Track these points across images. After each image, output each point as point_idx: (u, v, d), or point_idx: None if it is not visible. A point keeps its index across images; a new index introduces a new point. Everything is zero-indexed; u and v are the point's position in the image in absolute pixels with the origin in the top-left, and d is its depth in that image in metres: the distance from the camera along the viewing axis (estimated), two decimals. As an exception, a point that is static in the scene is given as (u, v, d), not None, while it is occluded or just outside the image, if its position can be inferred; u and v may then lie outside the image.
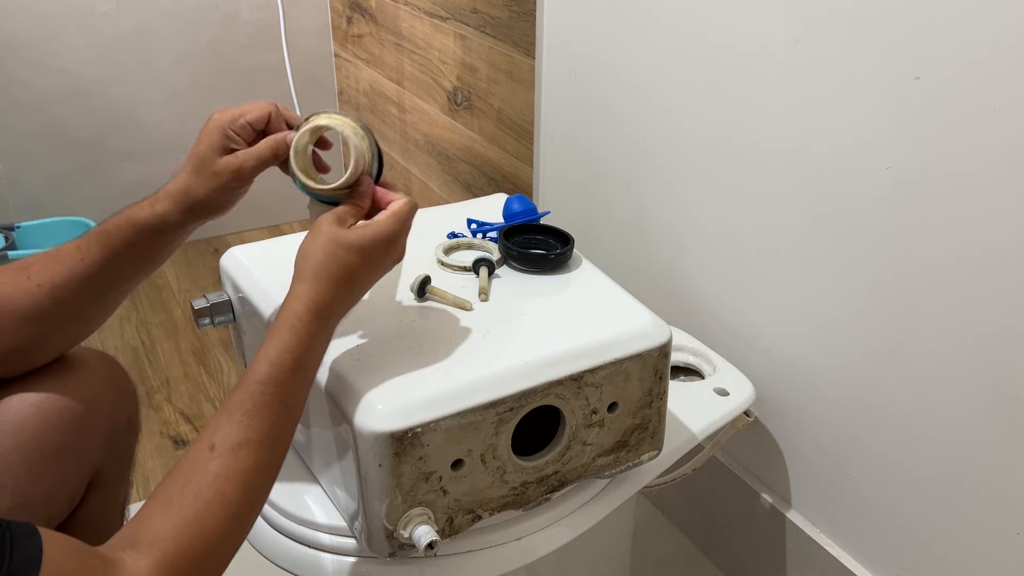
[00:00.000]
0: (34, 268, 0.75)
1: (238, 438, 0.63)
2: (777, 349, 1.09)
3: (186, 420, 1.64)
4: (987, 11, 0.76)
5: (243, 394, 0.65)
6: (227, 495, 0.61)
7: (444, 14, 1.70)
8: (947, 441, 0.90)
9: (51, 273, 0.74)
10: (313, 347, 0.69)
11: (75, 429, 0.80)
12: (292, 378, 0.67)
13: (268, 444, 0.65)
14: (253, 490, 0.64)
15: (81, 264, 0.75)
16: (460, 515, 0.78)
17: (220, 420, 0.64)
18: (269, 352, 0.66)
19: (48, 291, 0.74)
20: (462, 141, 1.77)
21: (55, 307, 0.75)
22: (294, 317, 0.68)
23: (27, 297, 0.74)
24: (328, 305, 0.70)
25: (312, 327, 0.68)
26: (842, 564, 1.07)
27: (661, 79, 1.16)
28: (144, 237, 0.75)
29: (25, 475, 0.76)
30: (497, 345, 0.80)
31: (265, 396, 0.65)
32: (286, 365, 0.66)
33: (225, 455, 0.62)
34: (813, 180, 0.97)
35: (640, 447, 0.87)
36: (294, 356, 0.67)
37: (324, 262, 0.69)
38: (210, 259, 2.23)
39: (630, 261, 1.31)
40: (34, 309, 0.74)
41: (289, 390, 0.67)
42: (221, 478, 0.61)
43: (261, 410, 0.65)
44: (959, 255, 0.84)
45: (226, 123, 0.75)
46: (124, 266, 0.77)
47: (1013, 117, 0.76)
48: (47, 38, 2.00)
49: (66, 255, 0.75)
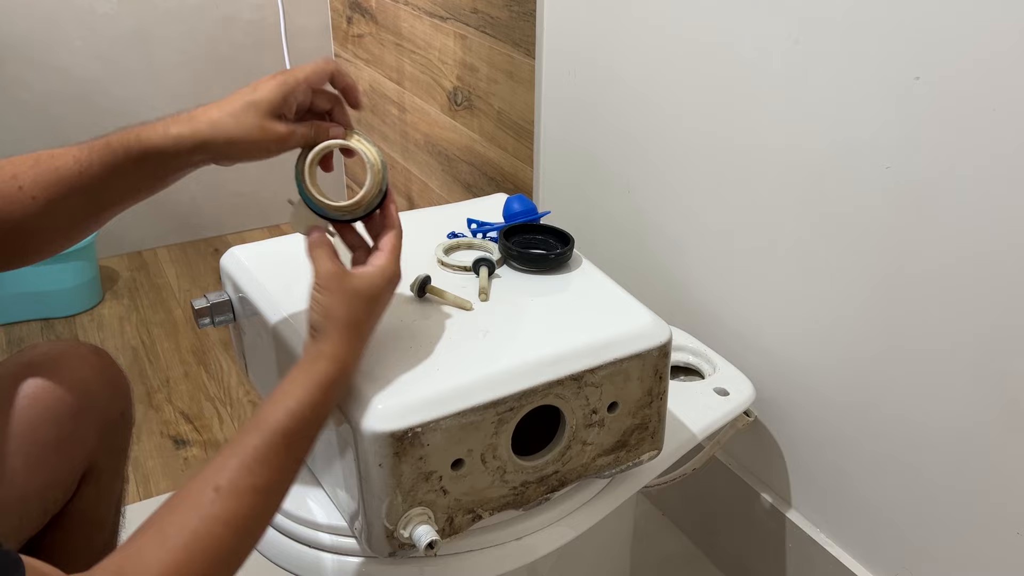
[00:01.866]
0: (27, 177, 0.70)
1: (245, 484, 0.62)
2: (777, 349, 1.09)
3: (186, 420, 1.64)
4: (987, 11, 0.76)
5: (257, 440, 0.64)
6: (224, 540, 0.60)
7: (444, 14, 1.70)
8: (947, 441, 0.90)
9: (46, 185, 0.70)
10: (331, 406, 0.69)
11: (69, 422, 0.80)
12: (305, 433, 0.67)
13: (271, 493, 0.64)
14: (248, 536, 0.63)
15: (79, 178, 0.70)
16: (460, 515, 0.78)
17: (229, 462, 0.63)
18: (290, 404, 0.66)
19: (42, 204, 0.70)
20: (462, 141, 1.77)
21: (47, 221, 0.71)
22: (323, 377, 0.67)
23: (18, 208, 0.70)
24: (355, 365, 0.71)
25: (338, 388, 0.69)
26: (842, 564, 1.07)
27: (661, 79, 1.16)
28: (150, 159, 0.70)
29: (21, 468, 0.77)
30: (497, 345, 0.80)
31: (277, 447, 0.64)
32: (304, 419, 0.66)
33: (229, 499, 0.61)
34: (813, 179, 0.97)
35: (640, 447, 0.87)
36: (314, 413, 0.67)
37: (349, 317, 0.69)
38: (210, 259, 2.23)
39: (630, 261, 1.31)
40: (24, 221, 0.70)
41: (300, 445, 0.67)
42: (221, 522, 0.60)
43: (272, 459, 0.64)
44: (959, 254, 0.84)
45: (291, 89, 0.71)
46: (122, 186, 0.72)
47: (1013, 117, 0.76)
48: (47, 38, 2.00)
49: (63, 165, 0.70)
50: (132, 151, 0.70)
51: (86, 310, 2.01)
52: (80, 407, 0.81)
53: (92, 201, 0.72)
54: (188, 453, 1.56)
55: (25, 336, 1.91)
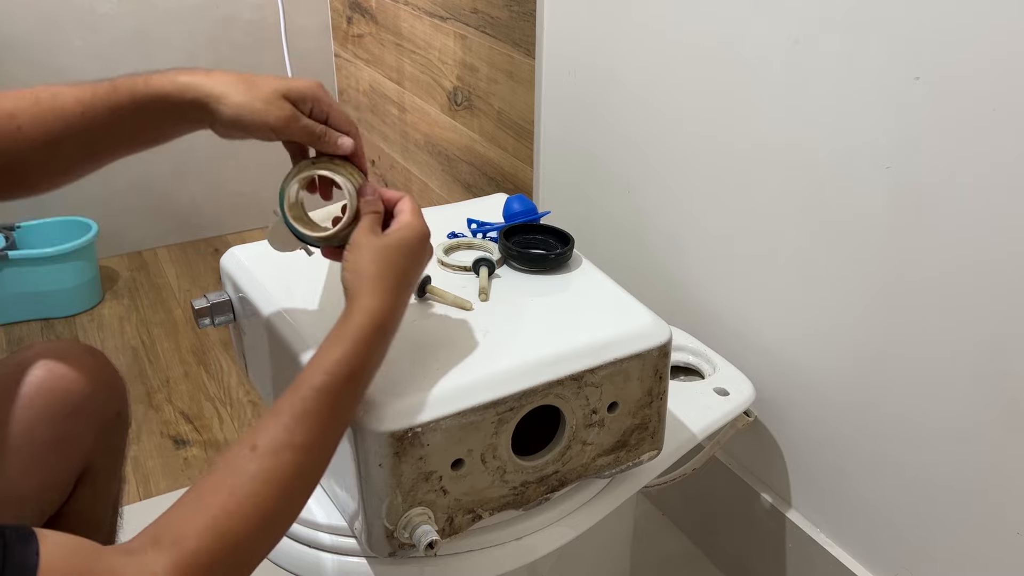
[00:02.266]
0: (26, 116, 0.69)
1: (282, 441, 0.61)
2: (777, 349, 1.09)
3: (186, 420, 1.64)
4: (987, 11, 0.76)
5: (293, 398, 0.63)
6: (262, 497, 0.59)
7: (444, 14, 1.70)
8: (947, 441, 0.90)
9: (47, 128, 0.69)
10: (371, 361, 0.68)
11: (65, 423, 0.80)
12: (346, 389, 0.65)
13: (312, 451, 0.63)
14: (290, 496, 0.62)
15: (80, 119, 0.69)
16: (460, 515, 0.78)
17: (267, 422, 0.62)
18: (324, 363, 0.65)
19: (41, 145, 0.69)
20: (462, 141, 1.77)
21: (44, 161, 0.71)
22: (357, 330, 0.66)
23: (15, 149, 0.69)
24: (392, 317, 0.69)
25: (373, 340, 0.67)
26: (842, 564, 1.07)
27: (661, 79, 1.16)
28: (154, 104, 0.70)
29: (17, 468, 0.77)
30: (497, 345, 0.80)
31: (316, 403, 0.63)
32: (342, 376, 0.65)
33: (266, 456, 0.60)
34: (813, 179, 0.97)
35: (640, 447, 0.87)
36: (351, 369, 0.65)
37: (381, 272, 0.69)
38: (210, 259, 2.23)
39: (630, 261, 1.31)
40: (21, 161, 0.70)
41: (342, 401, 0.65)
42: (259, 480, 0.59)
43: (309, 416, 0.63)
44: (959, 254, 0.84)
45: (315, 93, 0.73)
46: (123, 131, 0.72)
47: (1013, 117, 0.76)
48: (47, 38, 2.00)
49: (65, 106, 0.69)
50: (138, 94, 0.70)
51: (86, 310, 2.01)
52: (76, 407, 0.81)
53: (91, 144, 0.72)
54: (188, 453, 1.56)
55: (25, 336, 1.91)
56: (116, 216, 2.17)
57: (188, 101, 0.70)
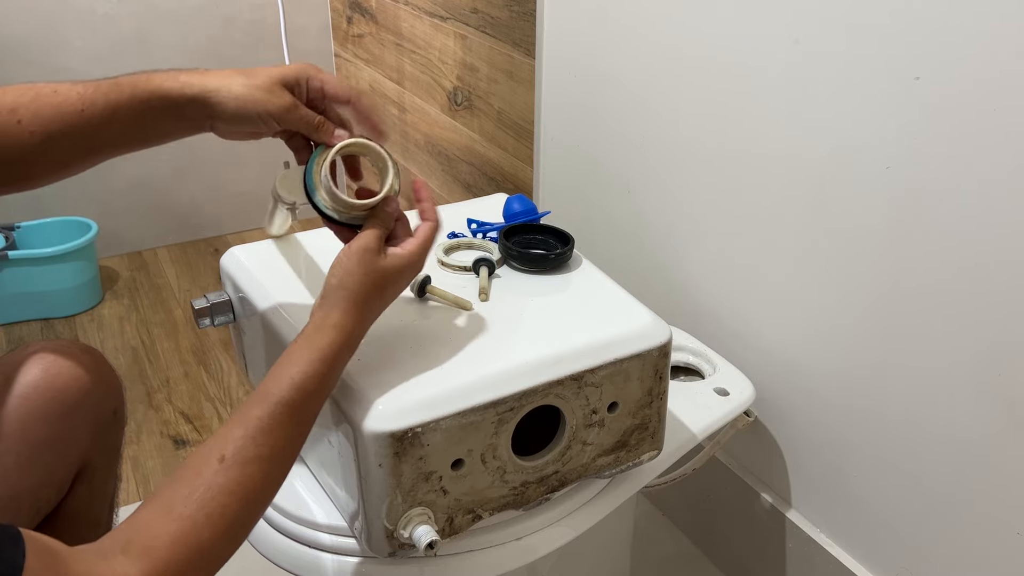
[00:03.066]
0: (26, 111, 0.69)
1: (250, 454, 0.63)
2: (778, 349, 1.09)
3: (186, 420, 1.64)
4: (987, 11, 0.76)
5: (261, 411, 0.64)
6: (230, 508, 0.61)
7: (444, 14, 1.70)
8: (946, 441, 0.90)
9: (45, 121, 0.69)
10: (336, 377, 0.70)
11: (61, 421, 0.80)
12: (313, 404, 0.67)
13: (277, 461, 0.65)
14: (255, 504, 0.64)
15: (79, 116, 0.70)
16: (460, 515, 0.78)
17: (234, 432, 0.63)
18: (295, 376, 0.66)
19: (40, 139, 0.69)
20: (462, 141, 1.77)
21: (42, 156, 0.71)
22: (330, 348, 0.68)
23: (14, 142, 0.69)
24: (361, 332, 0.71)
25: (344, 356, 0.69)
26: (842, 564, 1.07)
27: (661, 79, 1.16)
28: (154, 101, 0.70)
29: (13, 467, 0.77)
30: (497, 345, 0.80)
31: (285, 417, 0.65)
32: (310, 391, 0.66)
33: (234, 469, 0.62)
34: (813, 180, 0.97)
35: (640, 447, 0.87)
36: (320, 385, 0.67)
37: (363, 291, 0.70)
38: (210, 259, 2.23)
39: (630, 261, 1.31)
40: (21, 155, 0.70)
41: (308, 415, 0.67)
42: (227, 491, 0.61)
43: (277, 430, 0.64)
44: (959, 254, 0.84)
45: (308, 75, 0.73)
46: (122, 128, 0.72)
47: (1014, 117, 0.76)
48: (47, 38, 2.00)
49: (65, 101, 0.70)
50: (139, 91, 0.70)
51: (86, 310, 2.01)
52: (72, 406, 0.81)
53: (89, 140, 0.71)
54: (188, 453, 1.56)
55: (25, 336, 1.91)
56: (116, 216, 2.17)
57: (188, 98, 0.70)
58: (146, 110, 0.71)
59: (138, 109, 0.71)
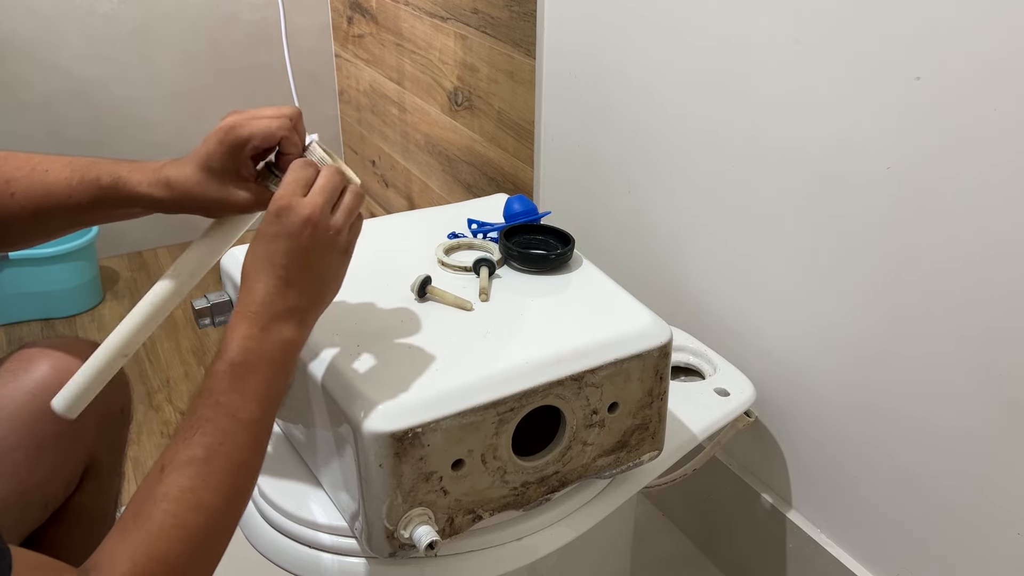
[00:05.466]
0: (20, 185, 0.73)
1: (184, 456, 0.61)
2: (778, 349, 1.09)
3: (186, 420, 1.64)
4: (987, 11, 0.76)
5: (189, 410, 0.63)
6: (177, 516, 0.59)
7: (444, 14, 1.70)
8: (947, 441, 0.90)
9: (37, 200, 0.73)
10: (256, 354, 0.65)
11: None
12: (232, 388, 0.63)
13: (217, 460, 0.61)
14: (208, 509, 0.60)
15: (68, 200, 0.73)
16: (460, 515, 0.78)
17: (173, 439, 0.62)
18: (211, 364, 0.65)
19: (31, 214, 0.74)
20: (463, 141, 1.77)
21: (30, 227, 0.75)
22: (229, 324, 0.66)
23: (7, 213, 0.74)
24: (260, 307, 0.65)
25: (247, 331, 0.65)
26: (842, 564, 1.06)
27: (661, 79, 1.16)
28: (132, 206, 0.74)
29: (22, 463, 0.78)
30: (497, 345, 0.80)
31: (207, 410, 0.62)
32: (221, 375, 0.63)
33: (172, 474, 0.60)
34: (813, 180, 0.97)
35: (641, 447, 0.87)
36: (229, 366, 0.64)
37: (245, 264, 0.67)
38: (210, 259, 2.23)
39: (630, 261, 1.31)
40: (10, 224, 0.74)
41: (233, 401, 0.63)
42: (169, 498, 0.59)
43: (204, 424, 0.62)
44: (959, 254, 0.84)
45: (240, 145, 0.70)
46: (105, 215, 0.76)
47: (1014, 117, 0.76)
48: (48, 38, 2.00)
49: (55, 187, 0.73)
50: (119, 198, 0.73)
51: (86, 310, 2.01)
52: None
53: (75, 220, 0.76)
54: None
55: (25, 336, 1.91)
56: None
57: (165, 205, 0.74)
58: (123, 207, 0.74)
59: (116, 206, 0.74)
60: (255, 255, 0.67)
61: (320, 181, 0.68)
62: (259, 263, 0.67)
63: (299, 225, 0.66)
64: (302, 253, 0.66)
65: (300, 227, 0.66)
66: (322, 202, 0.67)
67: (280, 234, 0.66)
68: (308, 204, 0.66)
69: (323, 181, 0.68)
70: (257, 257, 0.67)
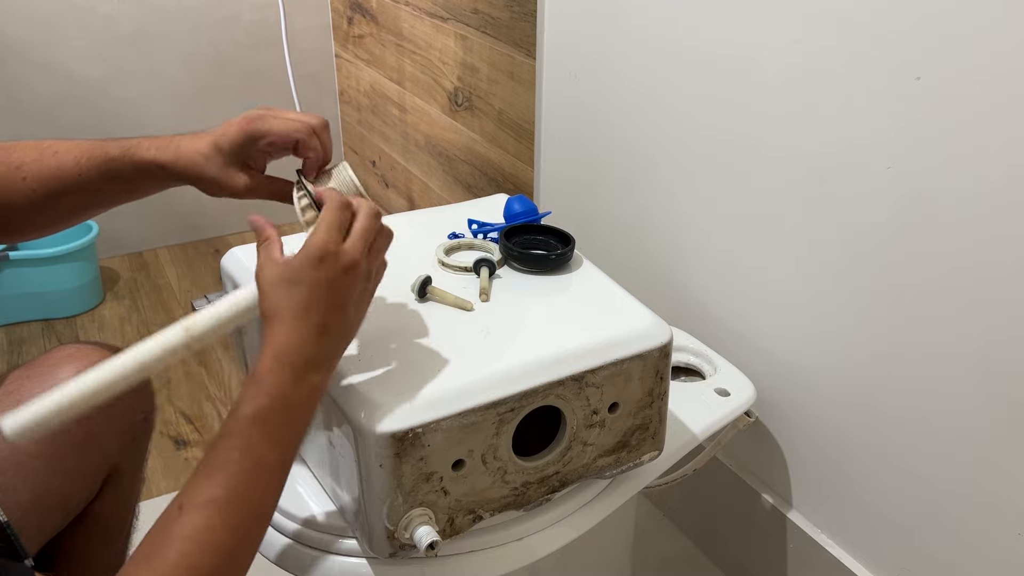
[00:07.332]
0: (30, 169, 0.76)
1: (204, 496, 0.59)
2: (778, 349, 1.09)
3: (186, 420, 1.64)
4: (988, 11, 0.76)
5: (211, 449, 0.62)
6: (193, 557, 0.57)
7: (445, 14, 1.70)
8: (947, 441, 0.90)
9: (47, 180, 0.76)
10: (289, 401, 0.64)
11: (92, 425, 0.80)
12: (262, 436, 0.62)
13: (237, 502, 0.60)
14: (224, 551, 0.59)
15: (78, 180, 0.76)
16: (461, 515, 0.78)
17: (193, 478, 0.61)
18: (238, 405, 0.63)
19: (41, 197, 0.76)
20: (463, 141, 1.77)
21: (43, 211, 0.78)
22: (259, 367, 0.63)
23: (19, 198, 0.76)
24: (292, 350, 0.64)
25: (280, 379, 0.63)
26: (842, 564, 1.07)
27: (662, 79, 1.16)
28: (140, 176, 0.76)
29: (44, 469, 0.77)
30: (498, 345, 0.80)
31: (231, 452, 0.61)
32: (250, 420, 0.62)
33: (190, 513, 0.59)
34: (814, 180, 0.97)
35: (641, 447, 0.87)
36: (258, 409, 0.62)
37: (275, 302, 0.65)
38: (211, 259, 2.23)
39: (630, 261, 1.31)
40: (23, 208, 0.77)
41: (261, 448, 0.62)
42: (185, 539, 0.58)
43: (229, 466, 0.61)
44: (959, 254, 0.84)
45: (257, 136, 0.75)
46: (115, 192, 0.79)
47: (1014, 117, 0.76)
48: (48, 38, 2.00)
49: (65, 167, 0.76)
50: (126, 167, 0.76)
51: (87, 311, 2.02)
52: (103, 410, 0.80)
53: (86, 201, 0.78)
54: (188, 453, 1.56)
55: (25, 337, 1.91)
56: (116, 216, 2.15)
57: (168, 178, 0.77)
58: (133, 181, 0.77)
59: (126, 180, 0.77)
60: (291, 298, 0.65)
61: (361, 223, 0.68)
62: (297, 308, 0.65)
63: (340, 273, 0.66)
64: (341, 302, 0.66)
65: (341, 275, 0.66)
66: (362, 248, 0.67)
67: (321, 282, 0.65)
68: (350, 252, 0.66)
69: (364, 224, 0.68)
70: (294, 301, 0.65)
